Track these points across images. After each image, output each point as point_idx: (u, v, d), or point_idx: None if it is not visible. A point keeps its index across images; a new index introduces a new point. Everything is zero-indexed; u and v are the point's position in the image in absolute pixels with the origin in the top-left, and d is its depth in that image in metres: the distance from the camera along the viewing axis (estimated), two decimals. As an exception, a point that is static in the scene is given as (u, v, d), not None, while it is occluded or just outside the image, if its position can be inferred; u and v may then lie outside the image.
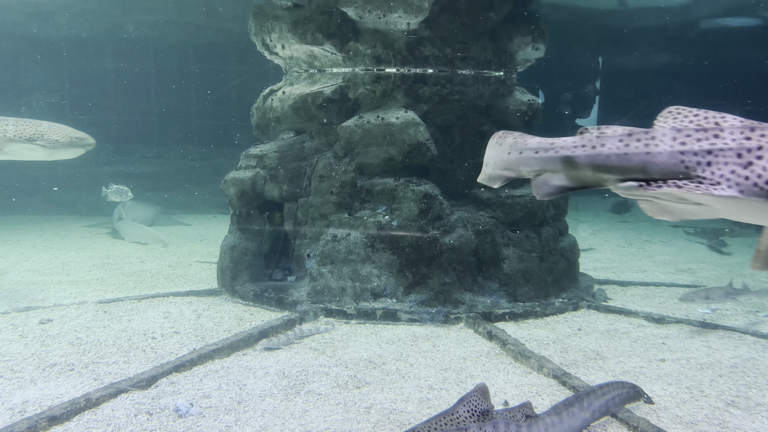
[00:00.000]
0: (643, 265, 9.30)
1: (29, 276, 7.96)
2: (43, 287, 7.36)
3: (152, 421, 3.84)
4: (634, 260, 9.66)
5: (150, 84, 15.82)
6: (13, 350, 5.10)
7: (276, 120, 7.31)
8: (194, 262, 8.96)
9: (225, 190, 7.13)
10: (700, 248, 10.84)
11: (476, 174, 6.98)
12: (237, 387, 4.40)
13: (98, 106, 15.57)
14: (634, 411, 4.02)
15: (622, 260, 9.63)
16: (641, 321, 6.24)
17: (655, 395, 4.33)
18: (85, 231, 11.97)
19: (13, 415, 3.89)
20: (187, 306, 6.53)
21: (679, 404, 4.21)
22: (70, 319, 5.99)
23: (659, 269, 8.98)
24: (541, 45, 7.18)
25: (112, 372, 4.64)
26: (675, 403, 4.24)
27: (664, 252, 10.41)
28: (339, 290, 6.21)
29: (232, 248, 6.97)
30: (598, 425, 3.82)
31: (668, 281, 8.12)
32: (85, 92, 15.43)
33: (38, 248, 10.03)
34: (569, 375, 4.60)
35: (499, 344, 5.38)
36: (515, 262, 6.55)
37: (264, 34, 7.11)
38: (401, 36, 6.57)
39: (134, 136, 15.76)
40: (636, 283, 7.97)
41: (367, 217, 6.36)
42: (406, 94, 6.73)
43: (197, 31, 15.62)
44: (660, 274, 8.66)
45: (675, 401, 4.26)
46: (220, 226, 12.25)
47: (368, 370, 4.76)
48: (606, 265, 9.20)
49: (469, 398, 3.08)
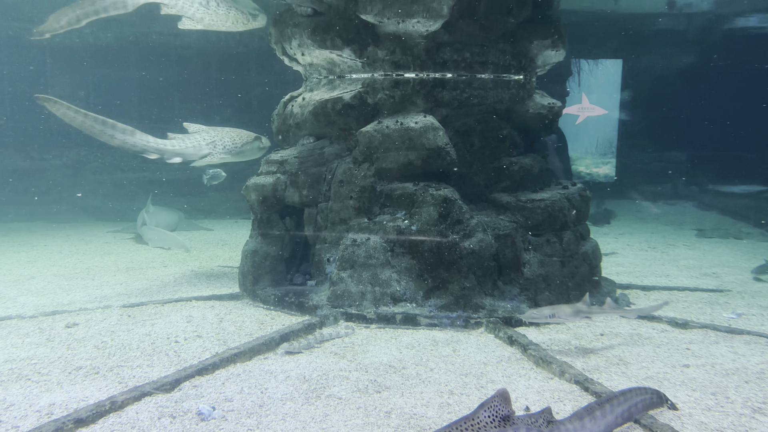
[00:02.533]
0: (666, 269, 9.18)
1: (56, 280, 8.12)
2: (69, 291, 7.50)
3: (175, 424, 3.89)
4: (657, 264, 9.54)
5: (173, 92, 16.04)
6: (41, 353, 5.20)
7: (296, 126, 7.38)
8: (216, 267, 9.06)
9: (246, 196, 7.20)
10: (725, 252, 10.66)
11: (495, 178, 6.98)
12: (258, 391, 4.44)
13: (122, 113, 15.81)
14: (658, 417, 3.97)
15: (645, 264, 9.51)
16: (665, 326, 6.16)
17: (680, 401, 4.27)
18: (110, 236, 12.17)
19: (40, 417, 3.97)
20: (209, 310, 6.60)
21: (704, 411, 4.15)
22: (95, 323, 6.10)
23: (683, 273, 8.86)
24: (561, 48, 7.15)
25: (136, 375, 4.71)
26: (700, 409, 4.17)
27: (688, 256, 10.26)
28: (359, 295, 6.23)
29: (253, 253, 7.03)
30: (621, 431, 3.78)
31: (692, 286, 8.00)
32: (110, 100, 15.69)
33: (64, 253, 10.22)
34: (591, 380, 4.56)
35: (520, 349, 5.35)
36: (536, 267, 6.51)
37: (284, 42, 7.18)
38: (420, 41, 6.59)
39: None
40: (659, 287, 7.86)
41: (387, 222, 6.38)
42: (425, 99, 6.74)
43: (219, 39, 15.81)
44: (684, 278, 8.54)
45: (700, 407, 4.20)
46: (241, 231, 12.38)
47: (388, 375, 4.77)
48: (629, 269, 9.10)
49: (489, 403, 3.07)
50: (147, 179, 15.46)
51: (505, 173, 6.94)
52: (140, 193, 14.47)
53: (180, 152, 7.36)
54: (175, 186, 15.51)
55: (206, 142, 7.46)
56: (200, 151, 7.45)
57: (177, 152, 7.34)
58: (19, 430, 3.77)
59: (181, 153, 7.38)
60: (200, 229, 13.27)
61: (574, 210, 6.92)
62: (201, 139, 7.47)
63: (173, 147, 7.34)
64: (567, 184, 7.30)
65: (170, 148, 7.32)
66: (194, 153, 7.46)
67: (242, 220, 14.18)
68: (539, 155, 7.35)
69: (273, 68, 13.34)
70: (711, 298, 7.35)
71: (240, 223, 14.01)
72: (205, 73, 16.26)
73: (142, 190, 14.84)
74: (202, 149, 7.45)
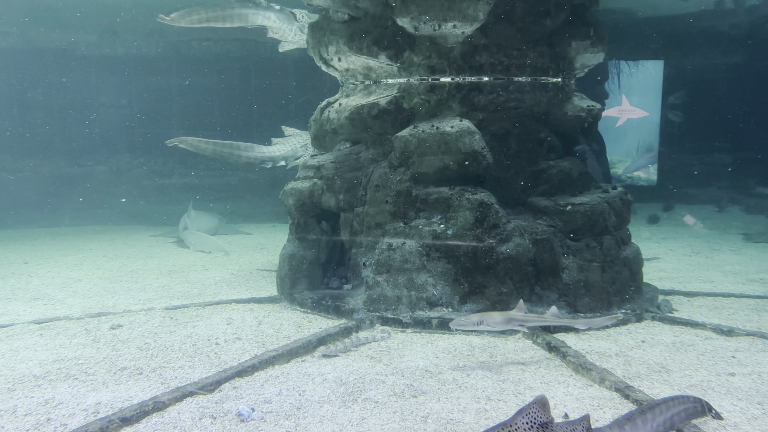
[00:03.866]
0: (711, 275, 8.92)
1: (101, 283, 8.38)
2: (114, 294, 7.73)
3: (216, 424, 3.97)
4: (701, 270, 9.28)
5: (213, 99, 16.38)
6: (87, 354, 5.37)
7: (333, 131, 7.45)
8: (255, 270, 9.20)
9: (284, 201, 7.31)
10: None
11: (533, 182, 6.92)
12: (296, 393, 4.49)
13: (164, 121, 16.25)
14: (702, 427, 3.87)
15: (688, 270, 9.27)
16: (709, 333, 5.99)
17: (724, 410, 4.15)
18: (153, 240, 12.48)
19: (87, 415, 4.11)
20: (248, 313, 6.71)
21: (750, 420, 4.03)
22: (138, 325, 6.27)
23: (728, 279, 8.59)
24: (600, 49, 7.05)
25: (178, 376, 4.82)
26: (745, 419, 4.05)
27: (733, 261, 9.95)
28: (395, 299, 6.24)
29: (290, 257, 7.12)
30: (663, 441, 3.70)
31: (738, 292, 7.76)
32: (153, 108, 16.13)
33: (109, 256, 10.53)
34: (632, 388, 4.47)
35: (558, 356, 5.28)
36: (575, 272, 6.42)
37: (321, 48, 7.27)
38: (456, 45, 6.59)
39: (198, 149, 16.32)
40: (703, 293, 7.65)
41: (422, 226, 6.38)
42: (461, 103, 6.73)
43: (257, 47, 16.09)
44: (729, 284, 8.29)
45: (745, 417, 4.07)
46: (279, 235, 12.54)
47: (424, 380, 4.77)
48: (671, 275, 8.88)
49: (528, 410, 3.04)
50: (188, 184, 15.82)
51: (543, 177, 6.87)
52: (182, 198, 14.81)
53: (284, 156, 8.27)
54: (216, 191, 15.83)
55: (300, 145, 8.34)
56: (296, 153, 8.37)
57: (282, 156, 8.26)
58: (68, 428, 3.90)
59: (284, 157, 8.29)
60: (239, 233, 13.50)
61: (614, 214, 6.80)
62: (296, 143, 8.37)
63: (279, 153, 8.28)
64: (607, 188, 7.18)
65: (277, 154, 8.28)
66: (292, 156, 8.37)
67: (280, 224, 14.36)
68: (578, 158, 7.25)
69: (310, 74, 13.47)
70: (758, 305, 7.11)
71: (278, 227, 14.20)
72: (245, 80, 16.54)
73: (183, 195, 15.18)
74: (298, 152, 8.37)
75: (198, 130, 16.29)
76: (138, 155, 16.15)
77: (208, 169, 16.21)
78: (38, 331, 6.07)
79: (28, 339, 5.80)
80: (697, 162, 17.35)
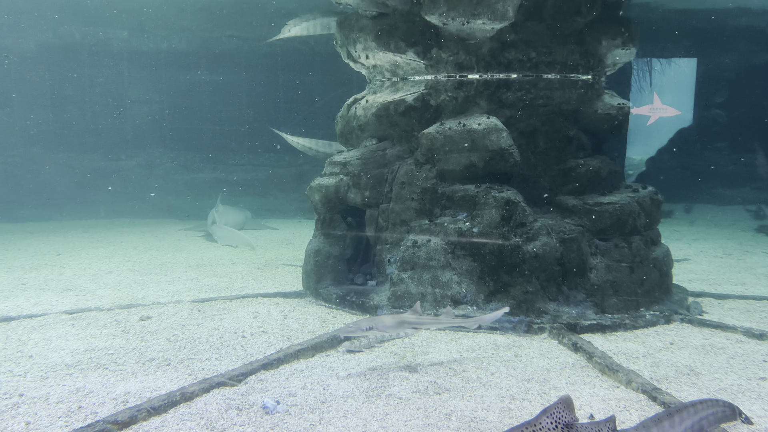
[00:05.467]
0: (742, 277, 8.73)
1: (131, 275, 8.54)
2: (143, 286, 7.87)
3: (241, 416, 4.03)
4: (732, 272, 9.09)
5: (241, 95, 16.56)
6: (117, 344, 5.49)
7: (359, 128, 7.47)
8: (281, 265, 9.28)
9: (310, 196, 7.36)
10: (810, 260, 10.03)
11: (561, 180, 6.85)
12: (321, 387, 4.53)
13: (194, 116, 16.47)
14: (731, 431, 3.79)
15: (719, 272, 9.08)
16: (740, 336, 5.87)
17: (755, 415, 4.07)
18: (181, 234, 12.67)
19: (116, 404, 4.20)
20: (274, 307, 6.78)
21: (783, 427, 3.94)
22: (167, 317, 6.38)
23: (761, 282, 8.40)
24: (631, 47, 6.94)
25: (205, 368, 4.90)
26: (778, 425, 3.96)
27: (766, 264, 9.72)
28: (419, 296, 6.24)
29: (316, 252, 7.17)
30: (691, 444, 3.64)
31: (772, 295, 7.58)
32: (182, 103, 16.36)
33: (139, 249, 10.72)
34: (660, 390, 4.40)
35: (585, 356, 5.23)
36: (603, 272, 6.34)
37: (349, 45, 7.29)
38: (485, 42, 6.54)
39: (226, 145, 16.55)
40: (734, 296, 7.49)
41: (448, 224, 6.36)
42: (488, 100, 6.69)
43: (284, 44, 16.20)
44: (762, 287, 8.10)
45: (778, 423, 3.99)
46: (305, 230, 12.63)
47: (448, 377, 4.76)
48: (702, 276, 8.71)
49: (552, 410, 3.02)
50: (216, 179, 16.03)
51: (572, 175, 6.79)
52: (211, 193, 15.03)
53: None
54: (244, 186, 16.02)
55: None
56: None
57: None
58: (98, 416, 3.99)
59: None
60: (266, 228, 13.63)
61: (644, 214, 6.69)
62: None
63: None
64: (637, 187, 7.07)
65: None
66: None
67: (306, 220, 14.47)
68: (608, 157, 7.15)
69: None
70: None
71: (304, 223, 14.30)
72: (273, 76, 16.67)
73: (212, 189, 15.40)
74: None
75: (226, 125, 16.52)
76: (167, 150, 16.42)
77: (236, 165, 16.42)
78: (70, 321, 6.22)
79: (61, 329, 5.95)
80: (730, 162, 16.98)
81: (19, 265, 9.21)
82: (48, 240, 11.71)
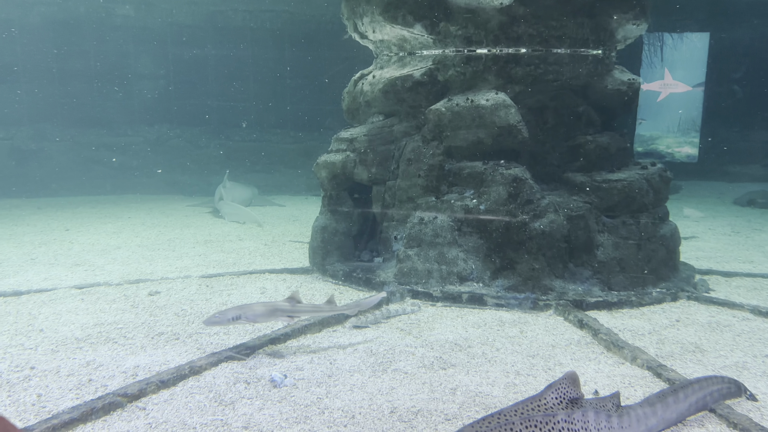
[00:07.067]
0: (750, 255, 8.69)
1: (139, 251, 8.59)
2: (152, 261, 7.92)
3: (249, 389, 4.08)
4: (740, 250, 9.05)
5: (247, 70, 16.45)
6: (126, 319, 5.55)
7: (366, 104, 7.42)
8: (288, 242, 9.32)
9: (317, 173, 7.34)
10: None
11: (569, 157, 6.79)
12: (327, 362, 4.57)
13: (200, 91, 16.40)
14: (735, 407, 3.81)
15: (727, 249, 9.05)
16: (746, 314, 5.87)
17: (760, 392, 4.08)
18: (189, 210, 12.72)
19: (126, 377, 4.25)
20: (281, 282, 6.82)
21: (788, 404, 3.95)
22: (175, 292, 6.43)
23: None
24: (643, 21, 6.82)
25: (214, 342, 4.95)
26: (782, 402, 3.97)
27: (776, 242, 9.68)
28: (425, 272, 6.26)
29: (322, 229, 7.18)
30: (695, 420, 3.66)
31: (780, 273, 7.55)
32: (188, 78, 16.29)
33: (147, 225, 10.77)
34: (665, 367, 4.42)
35: (590, 333, 5.24)
36: (610, 250, 6.33)
37: (356, 19, 7.20)
38: (494, 15, 6.45)
39: (233, 121, 16.50)
40: (742, 274, 7.47)
41: (455, 201, 6.35)
42: (497, 75, 6.62)
43: (291, 18, 16.05)
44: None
45: (782, 400, 4.00)
46: (311, 207, 12.64)
47: (454, 353, 4.80)
48: (709, 254, 8.68)
49: (557, 385, 3.04)
50: (223, 155, 16.02)
51: (580, 152, 6.74)
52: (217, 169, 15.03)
53: None
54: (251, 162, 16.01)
55: None
56: None
57: None
58: (108, 389, 4.05)
59: None
60: (273, 204, 13.65)
61: (652, 191, 6.65)
62: None
63: None
64: (646, 164, 7.01)
65: None
66: None
67: (313, 196, 14.47)
68: (617, 133, 7.08)
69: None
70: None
71: (310, 199, 14.31)
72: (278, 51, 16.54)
73: (219, 166, 15.40)
74: None
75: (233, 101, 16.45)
76: (174, 126, 16.39)
77: (243, 140, 16.38)
78: (79, 295, 6.28)
79: (70, 303, 6.01)
80: (741, 139, 16.78)
81: (28, 240, 9.29)
82: (56, 215, 11.78)
